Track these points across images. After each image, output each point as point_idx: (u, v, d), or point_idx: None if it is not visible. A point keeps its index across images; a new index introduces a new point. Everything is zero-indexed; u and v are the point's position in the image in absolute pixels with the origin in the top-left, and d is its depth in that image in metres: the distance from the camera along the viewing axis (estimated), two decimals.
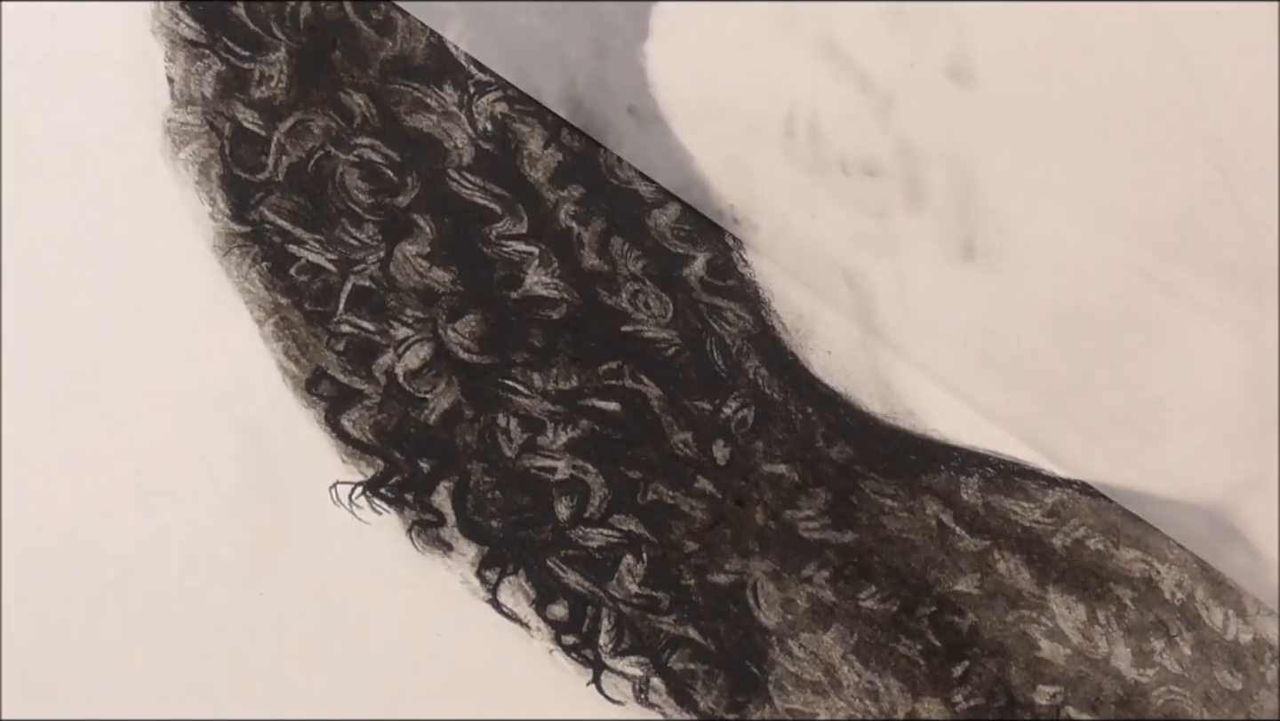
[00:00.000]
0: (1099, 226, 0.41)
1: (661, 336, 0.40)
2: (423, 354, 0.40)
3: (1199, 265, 0.42)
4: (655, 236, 0.41)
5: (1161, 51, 0.40)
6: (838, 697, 0.37)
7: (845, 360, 0.41)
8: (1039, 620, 0.38)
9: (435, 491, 0.38)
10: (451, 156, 0.41)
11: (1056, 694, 0.37)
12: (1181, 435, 0.40)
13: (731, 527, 0.38)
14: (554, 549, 0.38)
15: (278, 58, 0.43)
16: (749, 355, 0.41)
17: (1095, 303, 0.42)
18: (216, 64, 0.42)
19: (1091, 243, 0.42)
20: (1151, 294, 0.42)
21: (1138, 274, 0.42)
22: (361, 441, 0.39)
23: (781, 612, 0.37)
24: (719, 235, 0.42)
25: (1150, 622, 0.38)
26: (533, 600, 0.37)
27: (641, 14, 0.41)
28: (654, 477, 0.39)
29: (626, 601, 0.37)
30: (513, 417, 0.39)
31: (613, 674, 0.37)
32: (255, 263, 0.41)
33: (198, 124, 0.42)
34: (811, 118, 0.42)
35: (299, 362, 0.39)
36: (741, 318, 0.41)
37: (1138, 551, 0.39)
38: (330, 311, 0.40)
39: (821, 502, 0.39)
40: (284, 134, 0.42)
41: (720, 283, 0.41)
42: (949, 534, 0.39)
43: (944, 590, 0.38)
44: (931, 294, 0.42)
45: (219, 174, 0.41)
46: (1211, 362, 0.41)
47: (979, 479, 0.40)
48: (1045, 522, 0.39)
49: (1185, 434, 0.40)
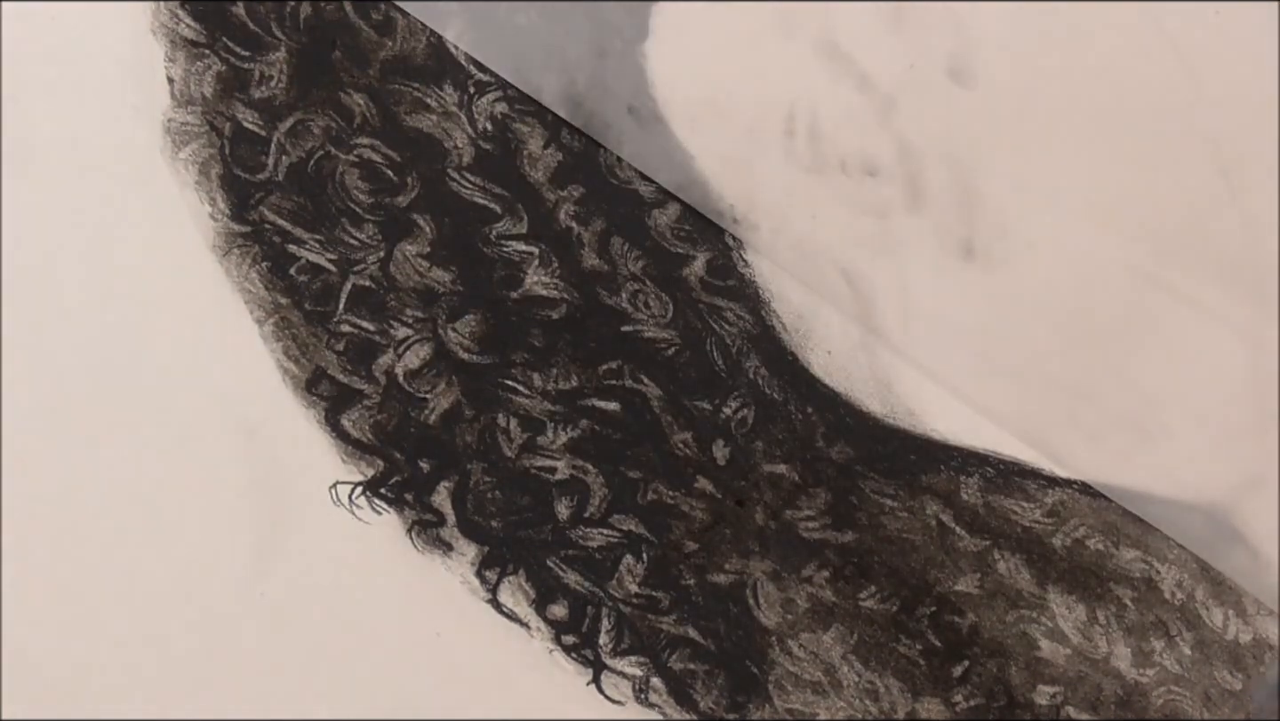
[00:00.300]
0: (1099, 226, 0.41)
1: (661, 336, 0.40)
2: (423, 354, 0.40)
3: (1199, 265, 0.42)
4: (655, 236, 0.41)
5: (1161, 51, 0.40)
6: (838, 697, 0.37)
7: (845, 360, 0.41)
8: (1039, 620, 0.38)
9: (435, 491, 0.38)
10: (451, 156, 0.41)
11: (1056, 694, 0.37)
12: (1182, 435, 0.40)
13: (731, 527, 0.38)
14: (554, 549, 0.38)
15: (278, 58, 0.43)
16: (749, 355, 0.41)
17: (1095, 303, 0.42)
18: (216, 64, 0.42)
19: (1091, 243, 0.42)
20: (1151, 294, 0.42)
21: (1137, 274, 0.42)
22: (361, 441, 0.39)
23: (781, 612, 0.37)
24: (719, 235, 0.42)
25: (1150, 622, 0.38)
26: (533, 600, 0.37)
27: (641, 14, 0.41)
28: (654, 477, 0.39)
29: (626, 601, 0.37)
30: (513, 417, 0.39)
31: (613, 674, 0.37)
32: (255, 262, 0.41)
33: (198, 124, 0.42)
34: (811, 118, 0.42)
35: (299, 362, 0.39)
36: (741, 318, 0.41)
37: (1138, 551, 0.39)
38: (330, 311, 0.40)
39: (821, 502, 0.39)
40: (284, 134, 0.42)
41: (720, 283, 0.41)
42: (949, 534, 0.39)
43: (944, 590, 0.38)
44: (931, 294, 0.42)
45: (219, 174, 0.41)
46: (1211, 363, 0.41)
47: (979, 479, 0.40)
48: (1045, 522, 0.39)
49: (1185, 434, 0.40)
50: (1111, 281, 0.42)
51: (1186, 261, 0.42)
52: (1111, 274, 0.42)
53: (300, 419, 0.39)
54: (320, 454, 0.39)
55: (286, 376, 0.39)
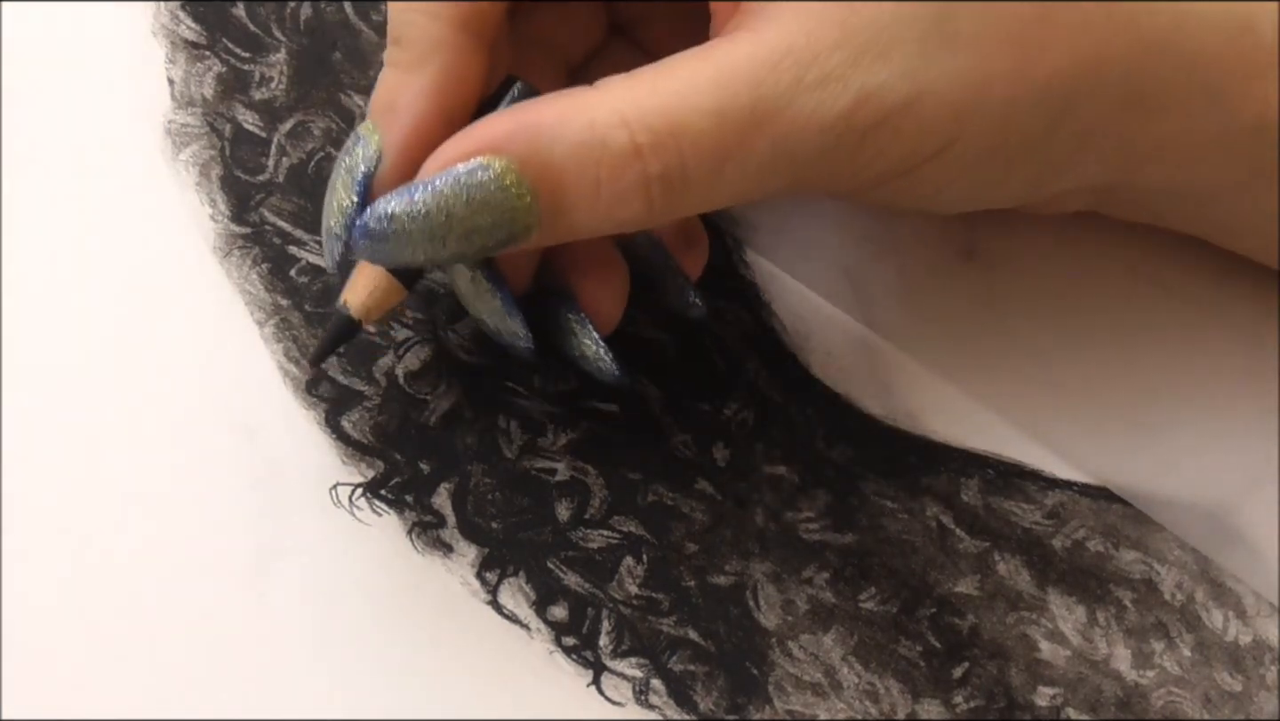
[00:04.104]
0: (1098, 226, 0.41)
1: (661, 337, 0.40)
2: (423, 355, 0.40)
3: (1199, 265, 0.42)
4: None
5: None
6: (838, 699, 0.37)
7: (845, 361, 0.41)
8: (1039, 621, 0.38)
9: (435, 493, 0.38)
10: None
11: (1056, 695, 0.37)
12: (1182, 435, 0.40)
13: (731, 529, 0.38)
14: (554, 550, 0.38)
15: (278, 59, 0.43)
16: (749, 356, 0.41)
17: (1095, 303, 0.42)
18: (217, 65, 0.42)
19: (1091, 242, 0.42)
20: (1152, 294, 0.42)
21: (1137, 274, 0.42)
22: (362, 443, 0.39)
23: (781, 614, 0.38)
24: (719, 236, 0.42)
25: (1150, 624, 0.38)
26: (533, 601, 0.37)
27: None
28: (654, 479, 0.39)
29: (627, 603, 0.37)
30: (513, 419, 0.39)
31: (613, 675, 0.37)
32: (255, 264, 0.41)
33: (198, 125, 0.42)
34: None
35: (299, 364, 0.39)
36: (741, 319, 0.41)
37: (1138, 553, 0.39)
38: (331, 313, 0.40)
39: (821, 504, 0.39)
40: (284, 135, 0.42)
41: (720, 283, 0.41)
42: (949, 535, 0.39)
43: (944, 591, 0.38)
44: (931, 294, 0.42)
45: (219, 175, 0.41)
46: (1211, 363, 0.41)
47: (979, 480, 0.40)
48: (1045, 524, 0.39)
49: (1185, 434, 0.40)
50: (1111, 281, 0.42)
51: (1186, 261, 0.42)
52: (1111, 273, 0.42)
53: (300, 420, 0.39)
54: (320, 455, 0.39)
55: (287, 378, 0.39)
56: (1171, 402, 0.41)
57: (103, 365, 0.39)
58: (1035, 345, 0.41)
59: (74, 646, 0.36)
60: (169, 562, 0.37)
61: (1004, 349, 0.41)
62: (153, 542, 0.38)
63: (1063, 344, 0.41)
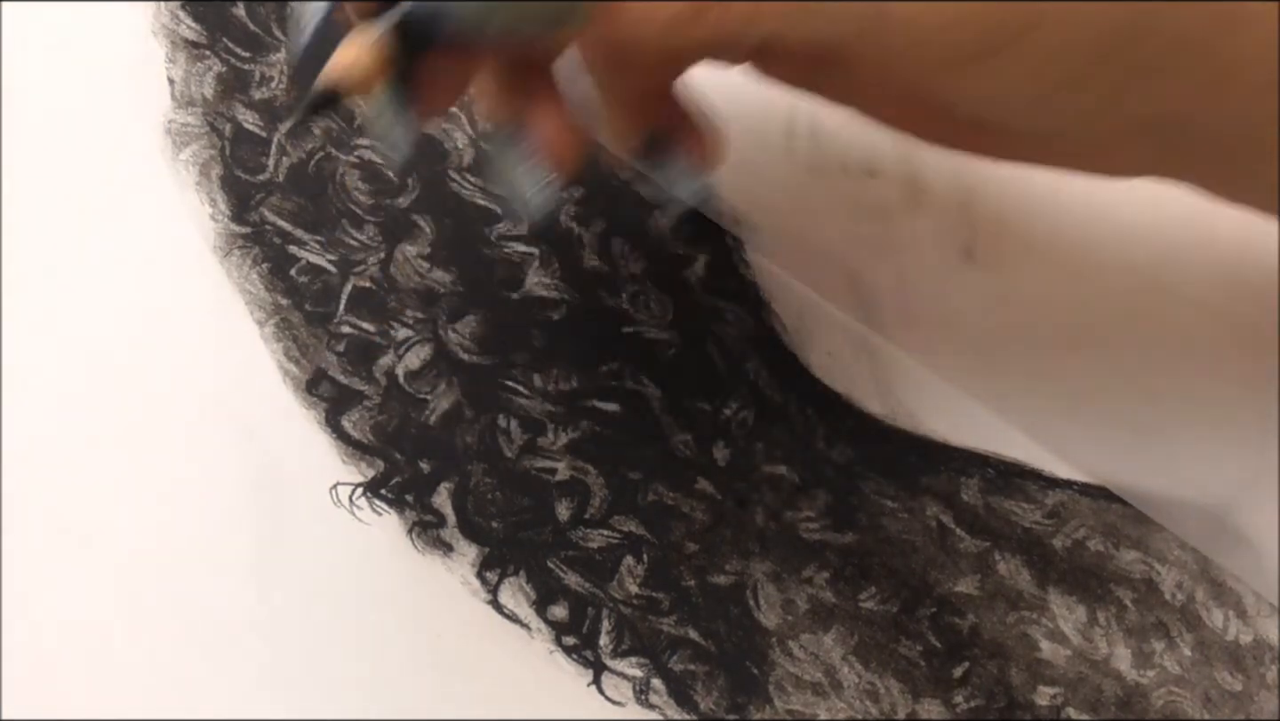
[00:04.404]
0: (1098, 226, 0.41)
1: (662, 337, 0.40)
2: (423, 355, 0.40)
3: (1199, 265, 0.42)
4: (655, 238, 0.41)
5: None
6: (838, 698, 0.37)
7: (846, 361, 0.41)
8: (1039, 621, 0.38)
9: (436, 492, 0.38)
10: (452, 158, 0.41)
11: (1057, 695, 0.37)
12: (1181, 435, 0.40)
13: (732, 529, 0.38)
14: (554, 550, 0.38)
15: (278, 59, 0.43)
16: (749, 356, 0.41)
17: (1095, 303, 0.42)
18: (217, 65, 0.42)
19: (1091, 242, 0.42)
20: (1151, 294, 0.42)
21: (1137, 273, 0.42)
22: (362, 442, 0.39)
23: (782, 614, 0.38)
24: (719, 236, 0.42)
25: (1150, 624, 0.38)
26: (533, 601, 0.37)
27: None
28: (654, 478, 0.39)
29: (627, 602, 0.37)
30: (513, 418, 0.39)
31: (613, 675, 0.37)
32: (256, 264, 0.41)
33: (198, 125, 0.42)
34: (811, 118, 0.42)
35: (299, 364, 0.39)
36: (742, 319, 0.41)
37: (1138, 552, 0.39)
38: (331, 312, 0.40)
39: (822, 504, 0.39)
40: (284, 135, 0.42)
41: (720, 283, 0.41)
42: (949, 535, 0.39)
43: (944, 591, 0.38)
44: (932, 295, 0.42)
45: (219, 175, 0.41)
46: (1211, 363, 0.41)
47: (979, 480, 0.40)
48: (1046, 524, 0.39)
49: (1185, 434, 0.40)
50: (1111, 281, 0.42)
51: (1186, 261, 0.42)
52: (1111, 273, 0.42)
53: (301, 420, 0.39)
54: (320, 455, 0.39)
55: (287, 377, 0.39)
56: (1171, 403, 0.41)
57: (103, 365, 0.39)
58: (1035, 345, 0.41)
59: (74, 646, 0.36)
60: (169, 562, 0.37)
61: (1004, 349, 0.41)
62: (153, 542, 0.38)
63: (1062, 344, 0.41)
